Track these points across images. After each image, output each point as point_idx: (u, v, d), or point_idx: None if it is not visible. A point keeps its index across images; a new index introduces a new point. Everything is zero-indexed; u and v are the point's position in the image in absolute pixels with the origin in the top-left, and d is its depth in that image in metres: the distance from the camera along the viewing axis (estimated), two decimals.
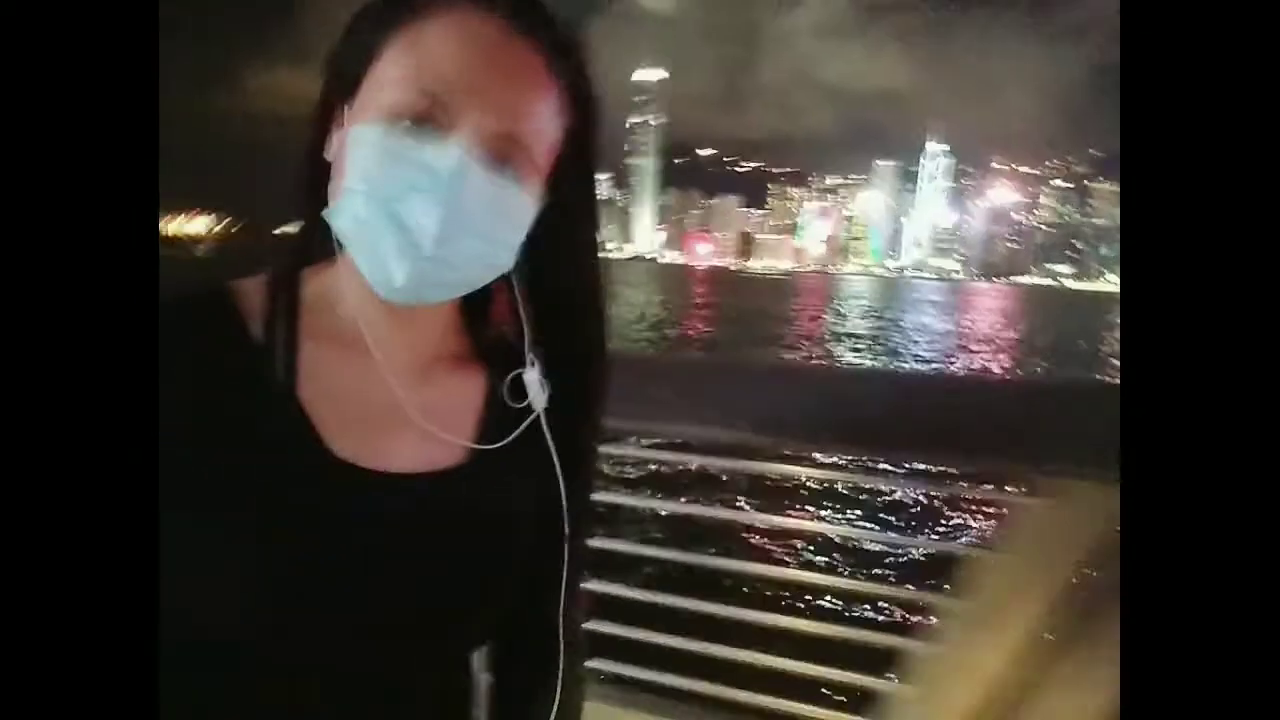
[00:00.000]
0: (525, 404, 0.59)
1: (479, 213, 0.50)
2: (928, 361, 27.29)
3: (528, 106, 0.51)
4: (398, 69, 0.50)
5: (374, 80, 0.51)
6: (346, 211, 0.50)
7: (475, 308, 0.61)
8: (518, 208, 0.52)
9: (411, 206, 0.49)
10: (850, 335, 34.19)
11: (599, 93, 0.56)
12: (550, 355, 0.59)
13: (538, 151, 0.52)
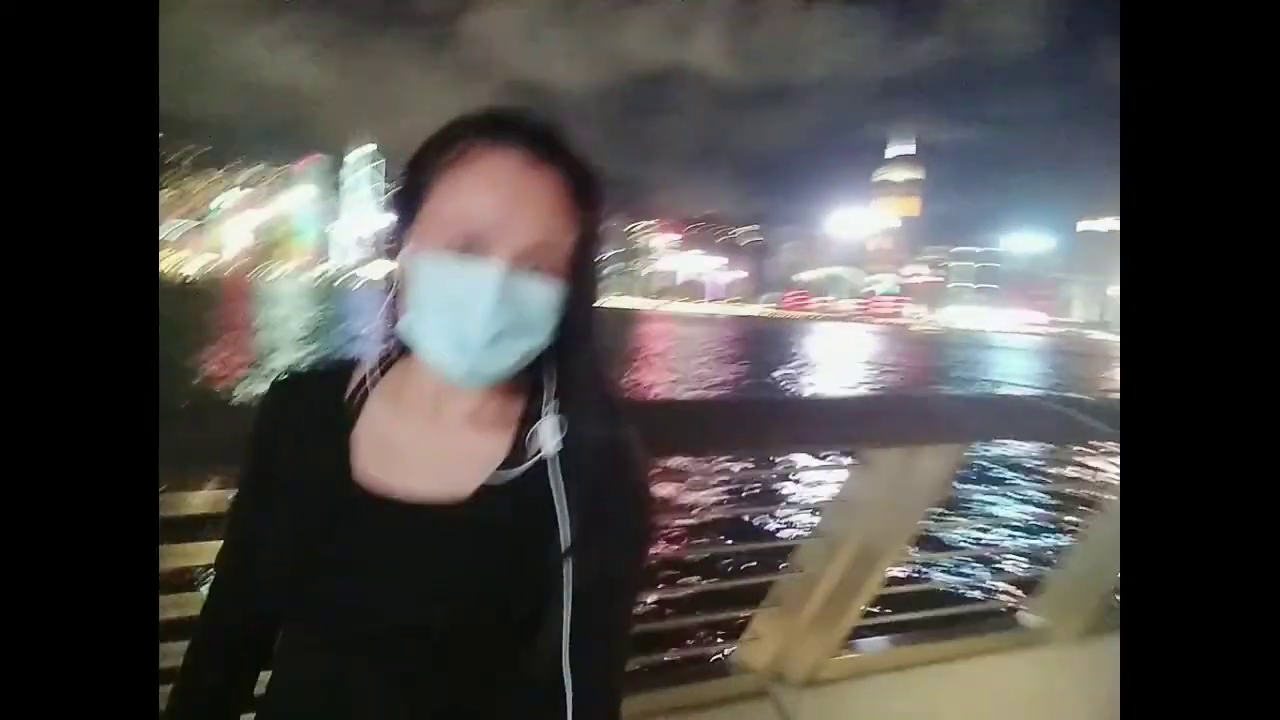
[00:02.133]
0: (539, 451, 0.71)
1: (516, 314, 0.66)
2: None
3: (548, 222, 0.67)
4: (444, 209, 0.67)
5: (427, 216, 0.68)
6: (414, 326, 0.69)
7: (520, 375, 0.72)
8: (547, 301, 0.68)
9: (463, 317, 0.65)
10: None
11: (603, 198, 0.71)
12: (566, 410, 0.71)
13: (559, 253, 0.68)
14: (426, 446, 0.73)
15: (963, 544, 5.79)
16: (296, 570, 0.69)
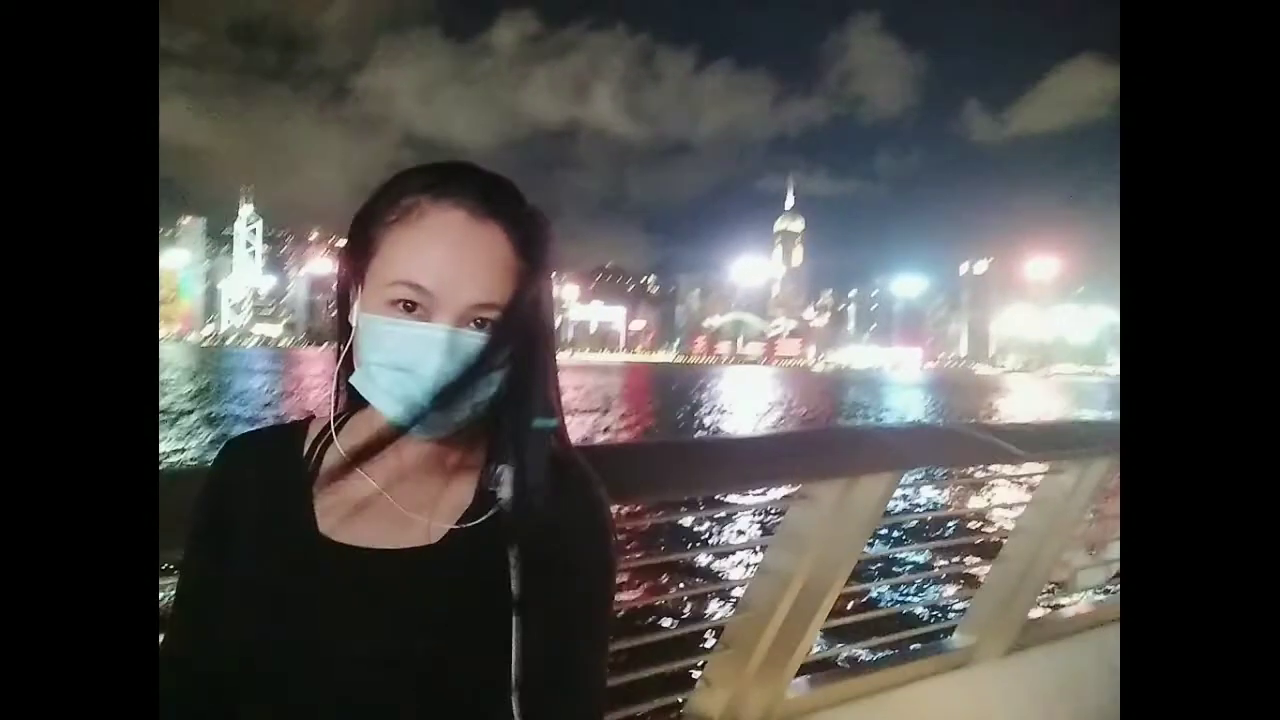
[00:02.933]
0: (499, 499, 0.71)
1: (462, 367, 0.66)
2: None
3: (492, 279, 0.67)
4: (389, 267, 0.67)
5: (374, 274, 0.69)
6: (364, 378, 0.69)
7: (477, 427, 0.72)
8: (493, 354, 0.67)
9: (411, 375, 0.66)
10: (182, 413, 29.72)
11: (550, 247, 0.71)
12: (516, 459, 0.70)
13: (505, 305, 0.67)
14: (390, 496, 0.73)
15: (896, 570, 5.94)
16: (263, 628, 0.67)
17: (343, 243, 0.74)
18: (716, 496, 1.69)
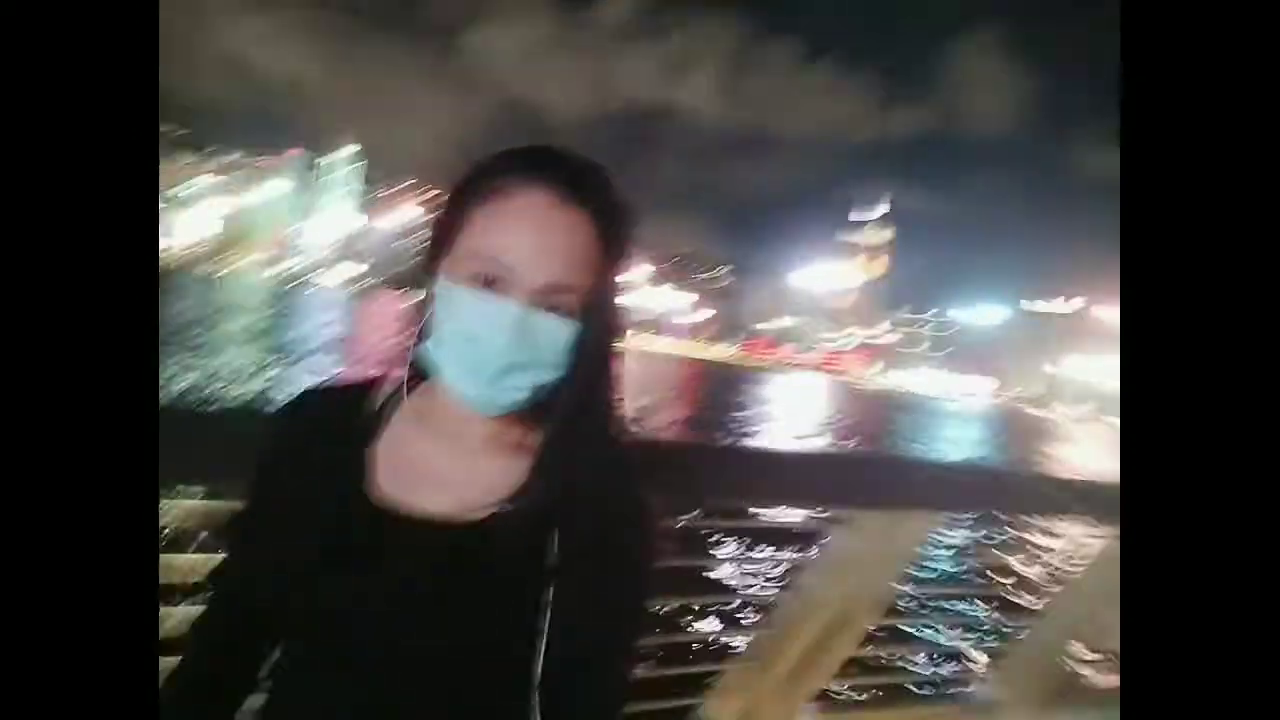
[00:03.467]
0: (547, 483, 0.73)
1: (531, 349, 0.69)
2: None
3: (569, 263, 0.69)
4: (473, 242, 0.70)
5: (460, 247, 0.71)
6: (436, 345, 0.72)
7: (543, 405, 0.74)
8: (560, 337, 0.70)
9: (479, 349, 0.69)
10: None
11: (630, 242, 0.74)
12: (571, 444, 0.73)
13: (579, 291, 0.70)
14: (445, 467, 0.75)
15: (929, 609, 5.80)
16: (306, 579, 0.70)
17: (433, 192, 0.75)
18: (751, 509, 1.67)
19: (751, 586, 7.98)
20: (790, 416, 46.43)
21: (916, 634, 5.51)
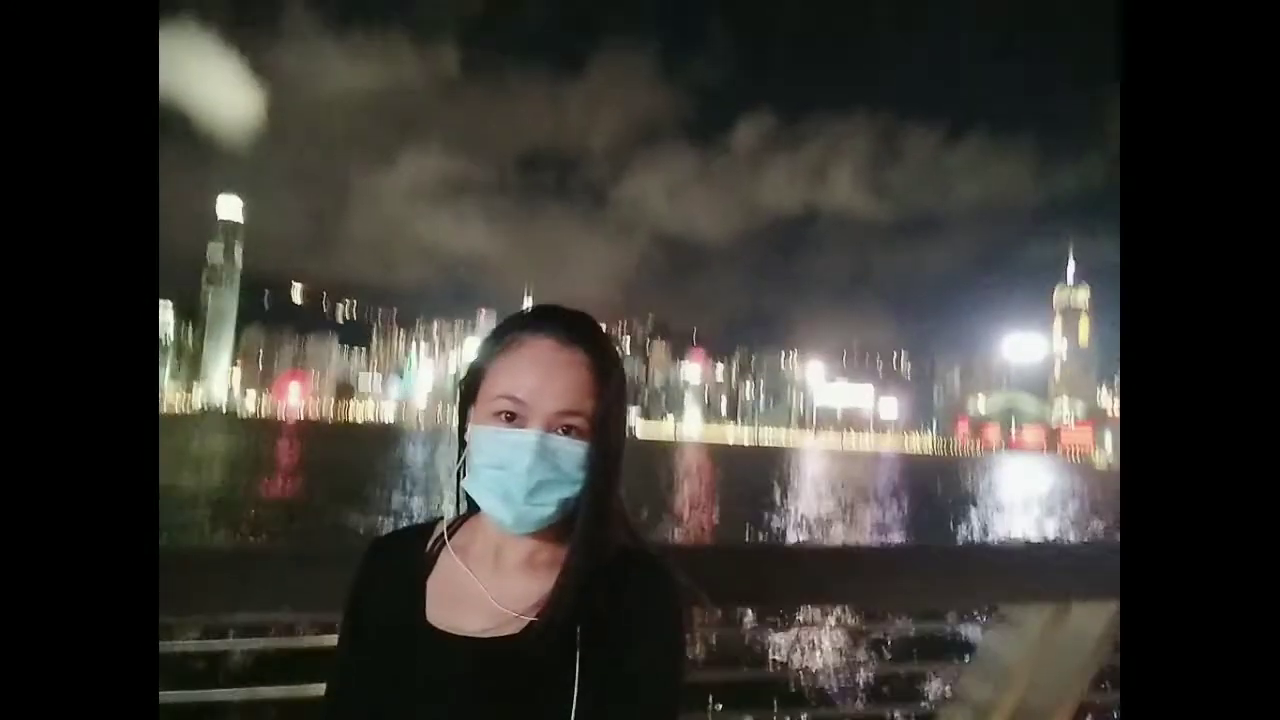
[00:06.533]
0: (571, 591, 0.83)
1: (552, 468, 0.82)
2: None
3: (575, 393, 0.83)
4: (494, 387, 0.84)
5: (483, 394, 0.86)
6: (471, 479, 0.86)
7: (568, 521, 0.85)
8: (577, 457, 0.83)
9: (509, 473, 0.82)
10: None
11: (619, 372, 0.86)
12: (586, 552, 0.84)
13: (587, 416, 0.83)
14: (486, 589, 0.87)
15: None
16: (373, 698, 0.83)
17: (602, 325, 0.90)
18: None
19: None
20: (1024, 504, 41.14)
21: None
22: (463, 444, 0.88)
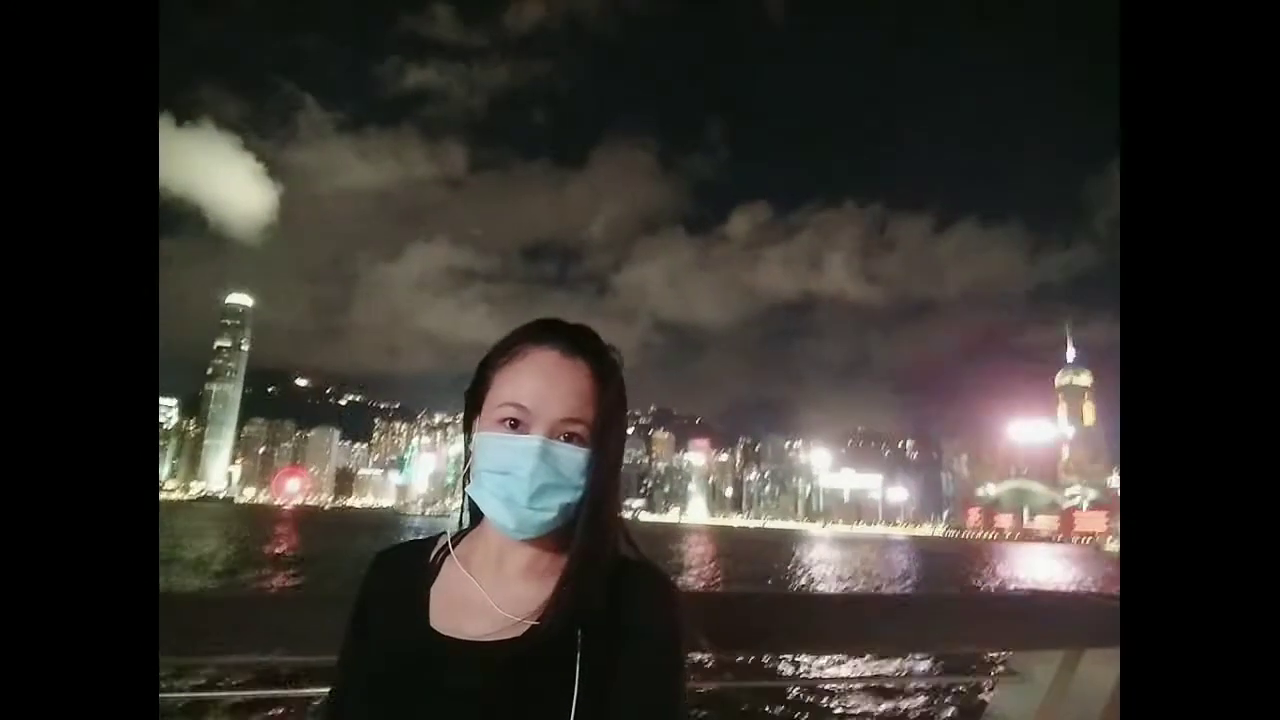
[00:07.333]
0: (571, 595, 0.84)
1: (553, 473, 0.83)
2: None
3: (577, 402, 0.85)
4: (499, 395, 0.86)
5: (488, 403, 0.88)
6: (476, 485, 0.87)
7: (568, 528, 0.87)
8: (578, 463, 0.85)
9: (513, 476, 0.84)
10: None
11: (618, 381, 0.88)
12: (585, 559, 0.85)
13: (587, 424, 0.85)
14: (488, 595, 0.88)
15: None
16: (375, 700, 0.82)
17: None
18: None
19: None
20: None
21: None
22: (468, 454, 0.90)
